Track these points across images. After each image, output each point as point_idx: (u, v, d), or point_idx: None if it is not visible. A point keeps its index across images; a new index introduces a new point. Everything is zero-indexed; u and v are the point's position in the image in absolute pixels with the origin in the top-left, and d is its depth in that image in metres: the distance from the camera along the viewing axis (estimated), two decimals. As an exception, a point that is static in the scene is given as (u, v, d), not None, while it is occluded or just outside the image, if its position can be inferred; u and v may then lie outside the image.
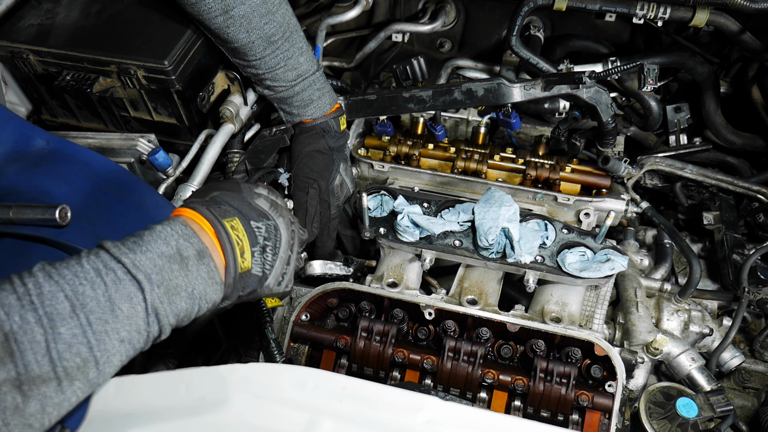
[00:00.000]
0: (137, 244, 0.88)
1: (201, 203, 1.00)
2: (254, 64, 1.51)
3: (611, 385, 1.35)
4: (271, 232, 1.06)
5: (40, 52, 1.52)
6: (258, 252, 1.03)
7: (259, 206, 1.08)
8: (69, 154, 1.32)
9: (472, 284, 1.51)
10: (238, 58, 1.52)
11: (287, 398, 0.91)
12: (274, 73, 1.51)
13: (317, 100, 1.57)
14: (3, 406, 0.71)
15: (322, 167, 1.59)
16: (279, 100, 1.57)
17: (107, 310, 0.81)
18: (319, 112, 1.58)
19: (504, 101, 1.54)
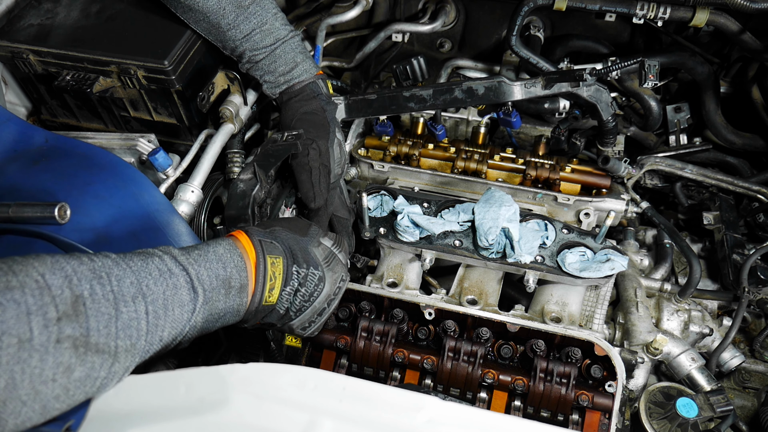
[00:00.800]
0: (202, 258, 0.96)
1: (259, 233, 1.09)
2: (230, 36, 1.47)
3: (611, 385, 1.35)
4: (311, 280, 1.13)
5: (40, 52, 1.52)
6: (288, 293, 1.10)
7: (313, 254, 1.15)
8: (67, 148, 1.32)
9: (472, 284, 1.51)
10: (215, 34, 1.49)
11: (287, 398, 0.91)
12: (251, 40, 1.48)
13: (302, 63, 1.52)
14: (59, 360, 0.73)
15: (319, 127, 1.52)
16: (262, 70, 1.52)
17: (162, 308, 0.87)
18: (306, 74, 1.53)
19: (504, 99, 1.54)
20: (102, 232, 1.17)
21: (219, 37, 1.51)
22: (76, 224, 1.14)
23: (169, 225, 1.30)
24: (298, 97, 1.53)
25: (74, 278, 0.77)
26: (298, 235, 1.17)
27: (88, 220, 1.17)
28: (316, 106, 1.53)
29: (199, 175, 1.52)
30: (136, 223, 1.25)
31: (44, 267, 0.75)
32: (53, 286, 0.74)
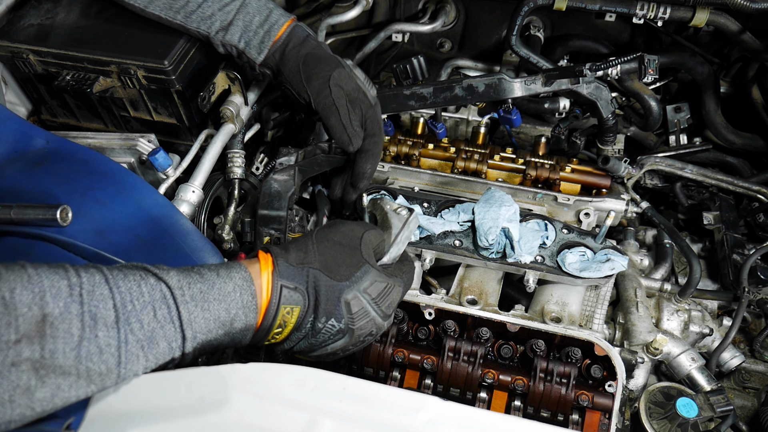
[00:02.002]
0: (202, 297, 0.89)
1: (287, 271, 0.97)
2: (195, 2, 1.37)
3: (611, 385, 1.35)
4: (327, 331, 1.00)
5: (40, 52, 1.52)
6: (297, 338, 1.01)
7: (342, 305, 1.00)
8: (68, 152, 1.32)
9: (472, 284, 1.51)
10: (176, 8, 1.40)
11: (287, 398, 0.91)
12: (221, 1, 1.37)
13: (275, 8, 1.40)
14: (16, 383, 0.71)
15: (328, 60, 1.37)
16: (239, 30, 1.39)
17: (147, 340, 0.82)
18: (285, 17, 1.39)
19: (505, 96, 1.54)
20: (106, 235, 1.17)
21: (182, 7, 1.38)
22: (79, 227, 1.14)
23: (175, 226, 1.30)
24: (290, 44, 1.38)
25: (47, 295, 0.74)
26: (337, 278, 1.00)
27: (90, 224, 1.16)
28: (313, 44, 1.39)
29: (200, 175, 1.52)
30: (141, 226, 1.24)
31: (18, 282, 0.73)
32: (20, 303, 0.72)
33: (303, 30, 1.41)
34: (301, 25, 1.42)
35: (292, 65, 1.38)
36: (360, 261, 1.03)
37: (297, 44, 1.38)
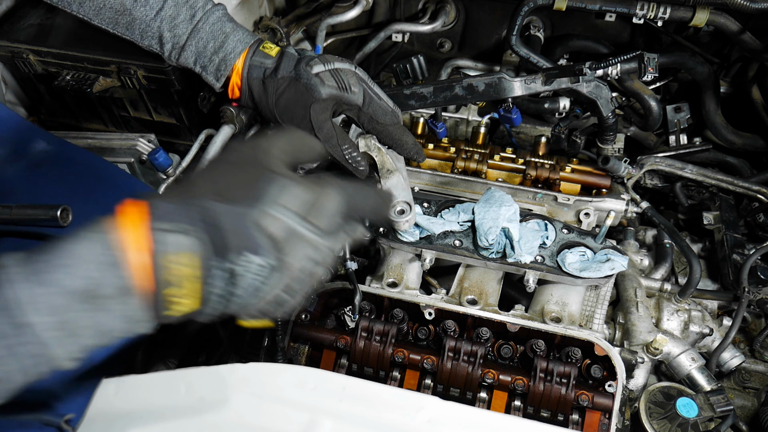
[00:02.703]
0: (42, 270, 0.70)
1: (165, 211, 0.74)
2: (140, 15, 1.25)
3: (611, 385, 1.35)
4: (254, 276, 0.77)
5: (40, 51, 1.52)
6: (213, 293, 0.77)
7: (255, 229, 0.77)
8: (69, 156, 1.32)
9: (472, 284, 1.51)
10: (124, 23, 1.28)
11: (287, 398, 0.91)
12: (164, 17, 1.25)
13: (232, 33, 1.27)
14: None
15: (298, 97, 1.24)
16: (193, 53, 1.27)
17: None
18: (241, 45, 1.26)
19: (505, 96, 1.54)
20: None
21: (130, 24, 1.28)
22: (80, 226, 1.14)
23: None
24: (253, 77, 1.27)
25: None
26: (242, 202, 0.77)
27: None
28: (280, 76, 1.25)
29: (199, 175, 1.52)
30: None
31: None
32: None
33: (261, 58, 1.27)
34: (261, 52, 1.28)
35: (264, 107, 1.28)
36: (264, 173, 0.81)
37: (258, 79, 1.26)
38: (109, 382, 0.92)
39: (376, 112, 1.31)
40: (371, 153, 1.34)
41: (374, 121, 1.32)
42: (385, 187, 1.31)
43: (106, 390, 0.91)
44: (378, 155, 1.34)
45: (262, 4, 2.10)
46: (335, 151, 1.26)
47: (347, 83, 1.26)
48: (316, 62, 1.24)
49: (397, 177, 1.32)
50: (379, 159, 1.34)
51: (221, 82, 1.29)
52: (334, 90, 1.25)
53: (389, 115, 1.32)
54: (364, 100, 1.30)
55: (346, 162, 1.28)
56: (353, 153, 1.28)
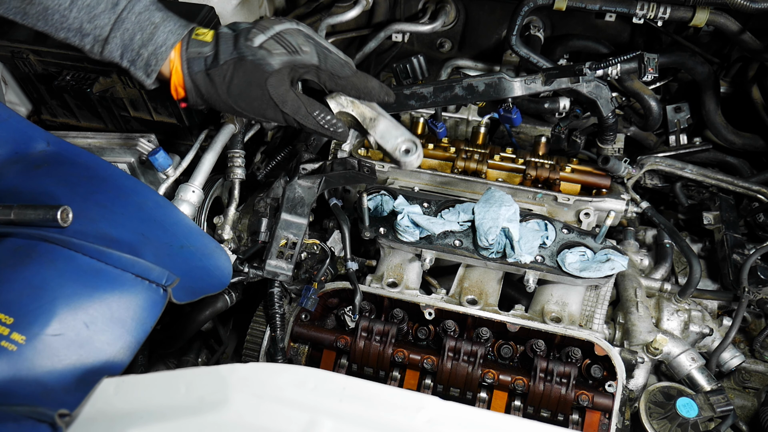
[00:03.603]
0: None
1: None
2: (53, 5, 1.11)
3: (611, 385, 1.35)
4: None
5: (40, 51, 1.52)
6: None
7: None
8: (70, 156, 1.32)
9: (472, 284, 1.51)
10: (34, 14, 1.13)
11: (287, 398, 0.91)
12: (81, 5, 1.12)
13: (162, 23, 1.14)
14: None
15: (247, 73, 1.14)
16: (117, 47, 1.15)
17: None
18: (174, 36, 1.15)
19: (505, 96, 1.54)
20: (108, 234, 1.17)
21: (41, 14, 1.13)
22: (81, 227, 1.14)
23: (178, 225, 1.30)
24: (195, 69, 1.16)
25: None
26: None
27: (92, 224, 1.16)
28: (222, 59, 1.15)
29: (200, 175, 1.52)
30: (143, 226, 1.24)
31: None
32: None
33: (198, 48, 1.16)
34: (195, 41, 1.16)
35: (216, 101, 1.19)
36: None
37: (201, 72, 1.16)
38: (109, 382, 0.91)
39: (334, 66, 1.20)
40: (346, 110, 1.27)
41: (335, 76, 1.21)
42: (376, 137, 1.25)
43: (105, 390, 0.91)
44: (354, 109, 1.26)
45: (262, 4, 2.10)
46: (307, 120, 1.19)
47: (296, 45, 1.15)
48: (255, 33, 1.14)
49: (384, 121, 1.26)
50: (357, 112, 1.26)
51: (152, 78, 1.18)
52: (285, 56, 1.14)
53: (346, 66, 1.22)
54: (319, 57, 1.18)
55: (323, 128, 1.21)
56: (327, 117, 1.21)
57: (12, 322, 1.02)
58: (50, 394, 1.00)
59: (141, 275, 1.13)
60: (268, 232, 1.53)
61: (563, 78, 1.50)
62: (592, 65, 1.49)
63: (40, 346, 1.02)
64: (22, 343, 1.02)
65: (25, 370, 1.00)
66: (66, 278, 1.08)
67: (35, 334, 1.03)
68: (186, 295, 1.25)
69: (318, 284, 1.47)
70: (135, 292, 1.13)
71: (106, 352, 1.08)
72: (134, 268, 1.13)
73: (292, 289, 1.51)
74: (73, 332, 1.06)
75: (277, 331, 1.46)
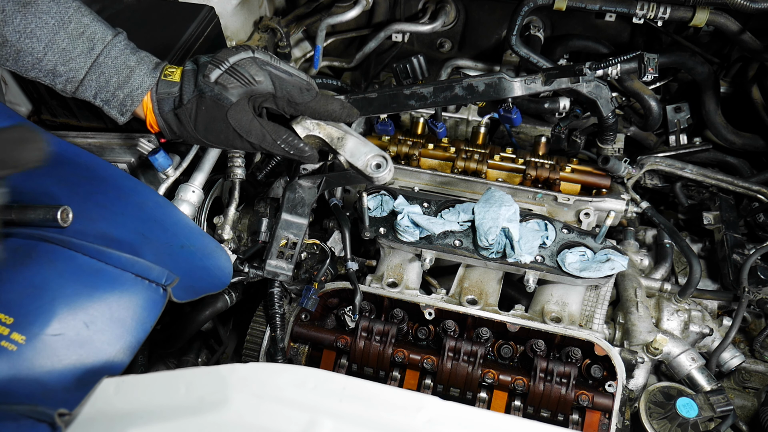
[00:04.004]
0: None
1: None
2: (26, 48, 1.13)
3: (611, 385, 1.35)
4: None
5: (40, 52, 1.52)
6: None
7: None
8: (70, 156, 1.32)
9: (472, 284, 1.51)
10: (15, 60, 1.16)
11: (287, 398, 0.91)
12: (56, 50, 1.14)
13: (138, 66, 1.19)
14: None
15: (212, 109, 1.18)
16: (92, 89, 1.19)
17: None
18: (149, 79, 1.19)
19: (505, 96, 1.54)
20: (109, 234, 1.17)
21: (14, 56, 1.15)
22: (81, 227, 1.14)
23: (178, 225, 1.30)
24: (165, 109, 1.22)
25: None
26: None
27: (92, 224, 1.17)
28: (187, 98, 1.20)
29: (200, 175, 1.52)
30: (144, 226, 1.24)
31: None
32: None
33: (167, 88, 1.20)
34: (165, 81, 1.21)
35: (188, 137, 1.24)
36: None
37: (170, 112, 1.21)
38: (109, 382, 0.92)
39: (291, 92, 1.21)
40: (313, 133, 1.28)
41: (293, 103, 1.22)
42: (346, 156, 1.26)
43: (106, 390, 0.91)
44: (320, 131, 1.27)
45: (262, 4, 2.11)
46: (274, 148, 1.21)
47: (249, 76, 1.17)
48: (211, 69, 1.17)
49: (351, 139, 1.27)
50: (324, 133, 1.27)
51: (126, 117, 1.24)
52: (240, 87, 1.17)
53: (305, 90, 1.22)
54: (274, 84, 1.20)
55: (290, 154, 1.23)
56: (293, 141, 1.23)
57: (12, 322, 1.02)
58: (50, 393, 1.00)
59: (141, 275, 1.13)
60: (269, 232, 1.53)
61: (563, 78, 1.50)
62: (592, 65, 1.49)
63: (40, 346, 1.03)
64: (22, 343, 1.02)
65: (25, 370, 1.01)
66: (66, 278, 1.08)
67: (35, 334, 1.03)
68: (186, 294, 1.25)
69: (318, 284, 1.47)
70: (135, 292, 1.13)
71: (106, 351, 1.08)
72: (134, 268, 1.13)
73: (292, 289, 1.51)
74: (73, 332, 1.06)
75: (277, 331, 1.46)
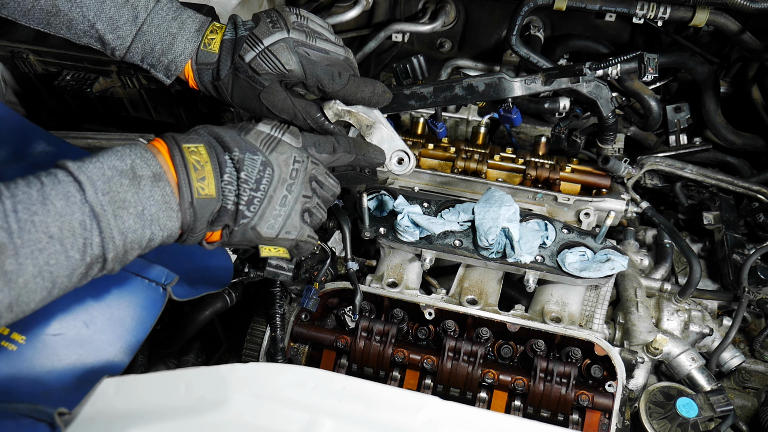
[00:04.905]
0: (90, 158, 0.88)
1: (174, 134, 0.98)
2: (76, 17, 1.16)
3: (611, 385, 1.35)
4: (250, 164, 1.00)
5: (40, 51, 1.53)
6: (229, 182, 0.98)
7: (246, 140, 1.03)
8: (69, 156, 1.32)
9: (472, 284, 1.51)
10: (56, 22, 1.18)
11: (287, 398, 0.91)
12: (105, 17, 1.17)
13: (179, 33, 1.20)
14: None
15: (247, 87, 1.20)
16: (138, 54, 1.21)
17: (37, 203, 0.80)
18: (191, 45, 1.20)
19: (505, 96, 1.54)
20: None
21: (66, 24, 1.18)
22: None
23: None
24: (204, 77, 1.23)
25: None
26: (222, 127, 1.05)
27: None
28: (227, 69, 1.21)
29: (199, 175, 1.52)
30: None
31: None
32: None
33: (206, 59, 1.21)
34: (204, 52, 1.21)
35: (226, 102, 1.26)
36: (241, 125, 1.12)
37: (209, 82, 1.23)
38: (109, 382, 0.91)
39: (321, 79, 1.20)
40: (344, 118, 1.27)
41: (323, 89, 1.22)
42: None
43: (105, 390, 0.91)
44: (350, 117, 1.27)
45: (262, 4, 2.10)
46: (305, 125, 1.23)
47: (279, 64, 1.18)
48: (246, 50, 1.18)
49: (380, 129, 1.27)
50: (354, 120, 1.27)
51: (172, 79, 1.25)
52: (270, 74, 1.18)
53: (336, 77, 1.22)
54: (305, 72, 1.20)
55: (322, 130, 1.24)
56: (324, 123, 1.24)
57: (12, 322, 1.02)
58: (50, 393, 1.00)
59: (140, 274, 1.13)
60: None
61: (563, 78, 1.50)
62: (592, 65, 1.49)
63: (40, 345, 1.03)
64: (22, 343, 1.02)
65: (25, 370, 1.01)
66: (66, 278, 1.08)
67: (35, 334, 1.03)
68: (187, 292, 1.25)
69: (319, 284, 1.47)
70: (135, 291, 1.13)
71: (106, 351, 1.08)
72: (133, 267, 1.13)
73: (293, 289, 1.51)
74: (73, 332, 1.06)
75: (277, 331, 1.46)
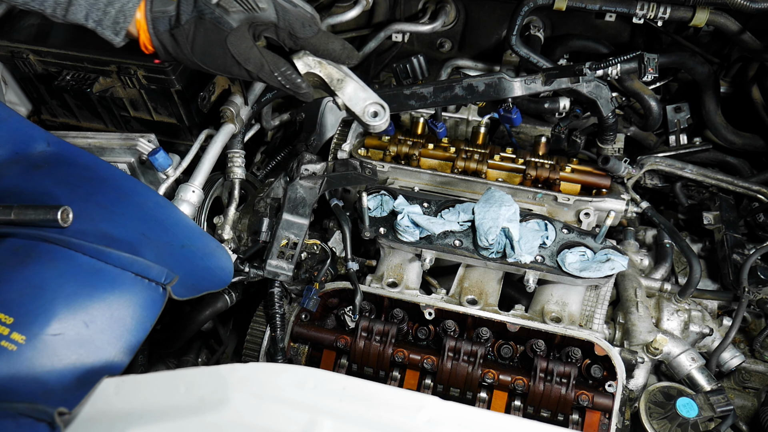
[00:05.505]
0: None
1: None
2: None
3: (611, 385, 1.35)
4: None
5: (40, 51, 1.52)
6: None
7: None
8: (70, 157, 1.32)
9: (472, 284, 1.51)
10: None
11: (287, 398, 0.91)
12: None
13: None
14: None
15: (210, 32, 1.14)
16: (83, 13, 1.13)
17: None
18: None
19: (505, 96, 1.54)
20: (109, 234, 1.17)
21: None
22: (81, 227, 1.14)
23: (178, 225, 1.30)
24: (160, 28, 1.16)
25: None
26: None
27: (93, 224, 1.17)
28: (185, 16, 1.14)
29: (200, 175, 1.52)
30: (144, 225, 1.24)
31: None
32: None
33: (162, 6, 1.15)
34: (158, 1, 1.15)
35: (183, 59, 1.19)
36: None
37: (166, 32, 1.15)
38: (109, 382, 0.92)
39: (293, 24, 1.17)
40: (313, 70, 1.24)
41: (294, 36, 1.18)
42: (344, 99, 1.24)
43: (106, 390, 0.91)
44: (321, 69, 1.24)
45: (262, 4, 2.10)
46: (271, 79, 1.18)
47: (252, 1, 1.14)
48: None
49: (351, 82, 1.24)
50: (324, 73, 1.24)
51: (121, 36, 1.16)
52: (242, 13, 1.13)
53: (307, 25, 1.18)
54: (277, 13, 1.16)
55: (285, 88, 1.20)
56: (291, 75, 1.19)
57: (12, 321, 1.02)
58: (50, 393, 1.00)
59: (140, 274, 1.13)
60: (269, 232, 1.53)
61: (563, 78, 1.50)
62: (592, 65, 1.49)
63: (40, 345, 1.02)
64: (22, 343, 1.02)
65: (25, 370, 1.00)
66: (66, 278, 1.08)
67: (35, 334, 1.03)
68: (187, 292, 1.25)
69: (319, 284, 1.47)
70: (134, 291, 1.13)
71: (106, 351, 1.08)
72: (133, 267, 1.13)
73: (293, 289, 1.51)
74: (73, 332, 1.06)
75: (277, 331, 1.46)
